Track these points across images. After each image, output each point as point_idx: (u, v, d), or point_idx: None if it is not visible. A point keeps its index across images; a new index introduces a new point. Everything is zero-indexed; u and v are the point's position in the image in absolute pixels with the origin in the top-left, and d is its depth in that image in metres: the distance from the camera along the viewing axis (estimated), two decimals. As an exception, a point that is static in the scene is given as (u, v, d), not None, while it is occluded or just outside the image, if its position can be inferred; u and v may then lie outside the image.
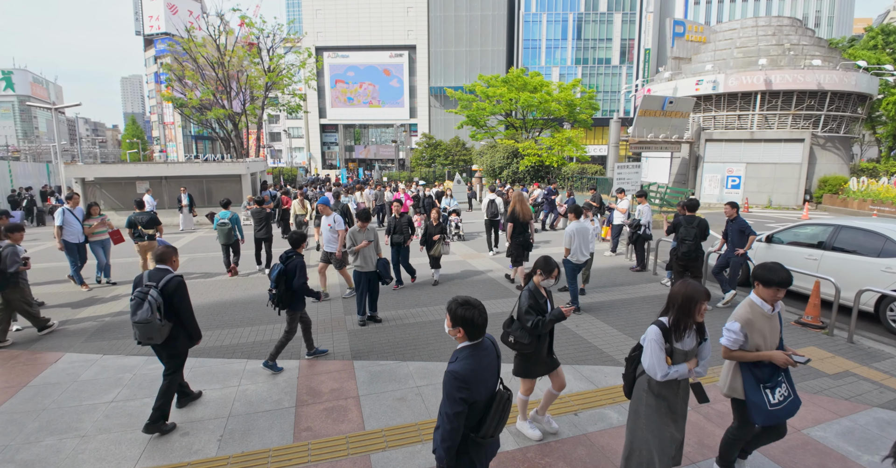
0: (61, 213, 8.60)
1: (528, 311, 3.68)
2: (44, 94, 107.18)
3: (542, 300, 3.77)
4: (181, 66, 29.54)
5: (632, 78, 55.52)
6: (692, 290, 2.82)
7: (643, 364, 2.92)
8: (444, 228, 8.29)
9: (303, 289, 5.14)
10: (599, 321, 6.76)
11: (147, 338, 3.96)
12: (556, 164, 25.24)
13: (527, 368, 3.87)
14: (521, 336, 3.70)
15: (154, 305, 3.89)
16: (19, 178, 23.16)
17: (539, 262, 3.83)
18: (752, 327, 3.11)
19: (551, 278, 3.79)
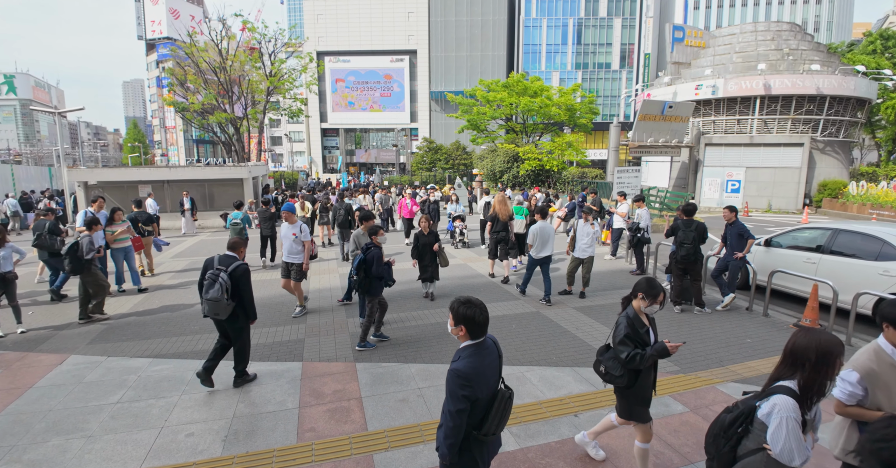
0: (84, 214, 8.39)
1: (625, 341, 3.18)
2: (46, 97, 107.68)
3: (642, 329, 3.23)
4: (183, 70, 29.69)
5: (632, 82, 55.74)
6: (828, 344, 2.19)
7: (772, 447, 2.16)
8: (438, 236, 7.76)
9: (381, 276, 5.89)
10: (599, 324, 6.81)
11: (214, 314, 4.69)
12: (556, 169, 25.31)
13: (630, 409, 3.36)
14: (613, 367, 3.27)
15: (224, 286, 4.59)
16: (21, 181, 23.27)
17: (641, 285, 3.27)
18: (876, 380, 2.51)
19: (656, 304, 3.20)
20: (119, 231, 8.61)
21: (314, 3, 60.84)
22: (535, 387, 4.88)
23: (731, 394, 4.76)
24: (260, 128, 31.92)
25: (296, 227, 7.34)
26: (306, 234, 7.37)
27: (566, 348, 5.92)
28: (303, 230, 7.35)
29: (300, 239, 7.31)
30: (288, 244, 7.35)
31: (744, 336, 6.37)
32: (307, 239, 7.36)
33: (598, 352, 3.46)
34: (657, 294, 3.18)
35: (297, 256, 7.34)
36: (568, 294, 8.29)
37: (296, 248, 7.33)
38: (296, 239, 7.31)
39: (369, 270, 5.82)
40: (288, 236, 7.34)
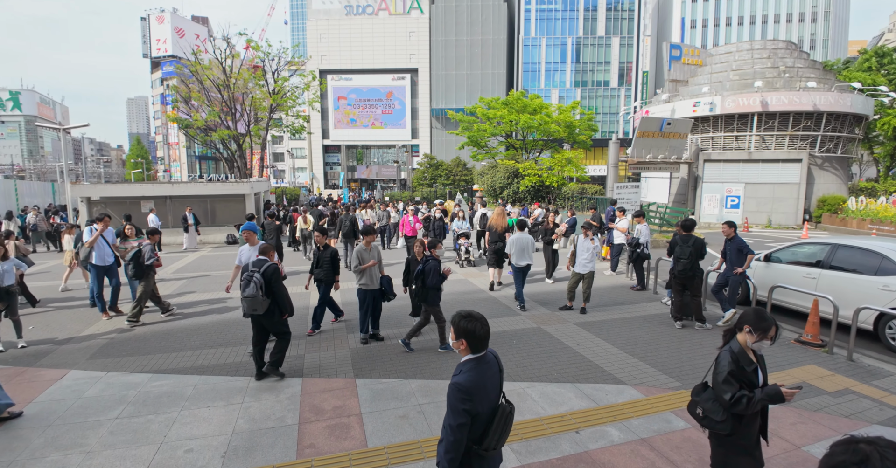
0: (90, 232, 8.24)
1: (728, 380, 2.74)
2: (50, 114, 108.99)
3: (749, 367, 2.79)
4: (187, 87, 30.14)
5: (630, 100, 56.48)
6: None
7: None
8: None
9: (437, 287, 6.29)
10: (601, 339, 6.79)
11: (252, 310, 5.26)
12: (556, 184, 25.49)
13: (726, 460, 2.89)
14: (713, 410, 2.83)
15: (258, 284, 5.19)
16: (25, 196, 23.44)
17: (748, 316, 2.84)
18: None
19: (766, 339, 2.77)
20: (131, 247, 8.30)
21: (317, 23, 62.08)
22: (536, 403, 4.85)
23: (734, 410, 4.73)
24: (262, 144, 32.25)
25: (258, 248, 5.92)
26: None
27: (567, 364, 5.91)
28: None
29: None
30: None
31: (745, 351, 6.33)
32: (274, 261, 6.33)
33: (694, 392, 2.99)
34: (768, 327, 2.75)
35: None
36: (569, 309, 8.28)
37: None
38: None
39: (426, 280, 6.20)
40: (252, 259, 5.72)
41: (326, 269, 7.09)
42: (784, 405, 4.79)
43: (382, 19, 61.21)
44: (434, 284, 6.23)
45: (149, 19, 73.22)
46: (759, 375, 2.82)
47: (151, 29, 73.18)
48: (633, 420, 4.53)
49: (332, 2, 62.02)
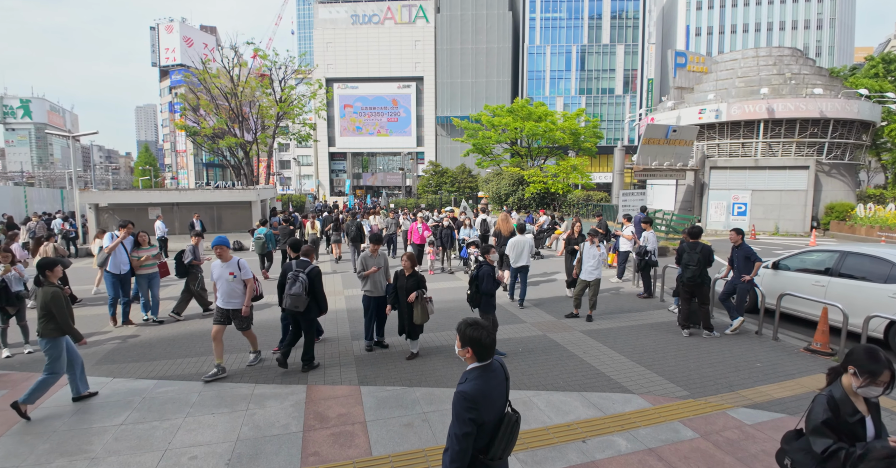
0: (111, 237, 8.20)
1: (820, 431, 2.31)
2: (60, 122, 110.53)
3: (852, 417, 2.32)
4: (196, 96, 30.51)
5: (635, 107, 56.54)
6: None
7: None
8: (421, 281, 6.25)
9: (491, 293, 6.24)
10: (607, 348, 6.73)
11: (294, 306, 5.76)
12: (561, 191, 25.48)
13: None
14: (804, 463, 2.40)
15: (304, 284, 5.74)
16: (34, 203, 23.69)
17: (856, 355, 2.41)
18: None
19: (877, 385, 2.31)
20: (145, 256, 8.22)
21: (324, 32, 62.76)
22: (542, 412, 4.81)
23: (743, 419, 4.66)
24: (269, 152, 32.49)
25: (232, 264, 5.86)
26: (247, 272, 5.94)
27: (573, 372, 5.85)
28: (242, 267, 5.91)
29: (240, 278, 5.86)
30: (225, 287, 5.81)
31: (754, 360, 6.27)
32: (248, 276, 5.92)
33: (785, 440, 2.61)
34: (878, 371, 2.27)
35: (238, 300, 5.88)
36: (575, 317, 8.22)
37: (235, 291, 5.87)
38: (234, 279, 5.83)
39: (480, 286, 6.17)
40: (224, 277, 5.80)
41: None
42: (793, 414, 4.72)
43: (388, 28, 61.81)
44: (488, 290, 6.17)
45: (158, 29, 74.36)
46: (869, 427, 2.35)
47: (160, 38, 74.31)
48: (641, 429, 4.47)
49: (339, 11, 62.75)
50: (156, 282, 8.38)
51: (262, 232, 12.39)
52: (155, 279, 8.38)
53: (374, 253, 6.74)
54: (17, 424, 4.65)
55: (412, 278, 6.27)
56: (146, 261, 8.19)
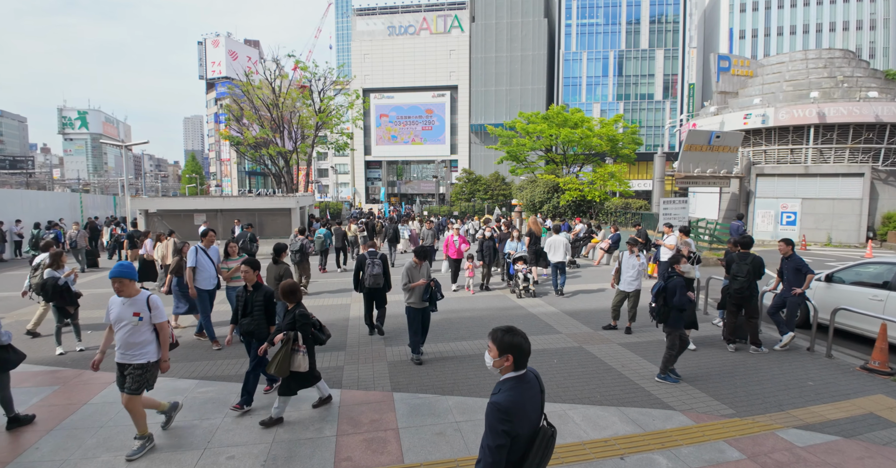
0: (193, 251, 7.24)
1: None
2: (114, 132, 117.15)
3: None
4: (239, 107, 31.74)
5: (676, 113, 55.02)
6: None
7: None
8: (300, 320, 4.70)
9: (682, 308, 5.60)
10: (647, 361, 6.49)
11: (376, 284, 7.42)
12: (598, 199, 24.93)
13: None
14: None
15: (380, 266, 7.44)
16: (89, 208, 25.10)
17: None
18: None
19: None
20: (235, 268, 7.44)
21: (361, 44, 64.30)
22: (578, 427, 4.66)
23: (793, 441, 4.38)
24: (308, 160, 33.38)
25: (139, 301, 4.16)
26: (159, 312, 4.25)
27: (611, 386, 5.67)
28: (153, 306, 4.20)
29: (148, 320, 4.19)
30: (124, 333, 4.13)
31: (805, 378, 5.90)
32: (164, 318, 4.30)
33: None
34: None
35: (140, 351, 4.16)
36: (613, 329, 7.98)
37: (138, 338, 4.15)
38: (140, 322, 4.13)
39: (669, 300, 5.68)
40: (125, 318, 4.12)
41: (258, 319, 5.12)
42: (849, 437, 4.40)
43: (424, 39, 62.72)
44: (680, 304, 5.62)
45: (205, 43, 78.05)
46: None
47: (207, 52, 77.96)
48: (683, 448, 4.27)
49: (376, 23, 64.20)
50: None
51: (322, 232, 14.21)
52: None
53: (418, 265, 6.52)
54: (67, 419, 4.88)
55: (289, 315, 4.73)
56: (236, 273, 7.45)
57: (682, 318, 5.70)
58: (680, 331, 5.73)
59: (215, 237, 7.85)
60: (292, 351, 4.56)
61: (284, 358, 4.53)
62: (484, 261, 11.33)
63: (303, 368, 4.61)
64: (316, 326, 4.83)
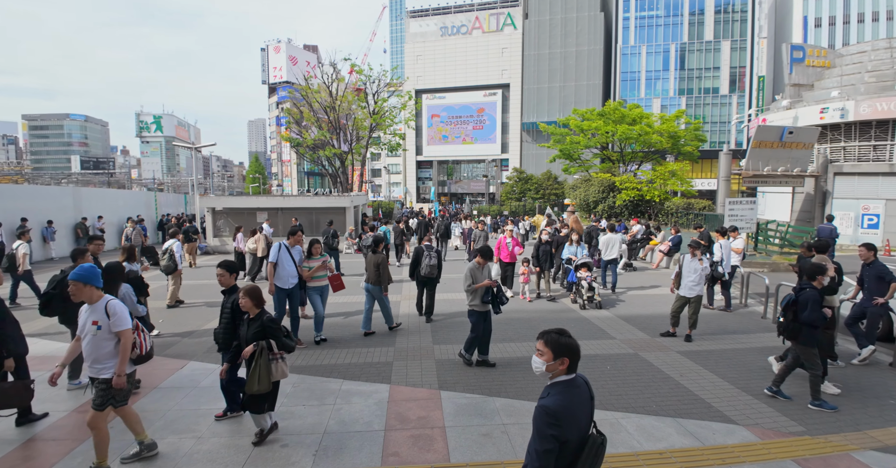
0: (277, 248, 7.05)
1: None
2: (185, 135, 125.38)
3: None
4: (299, 110, 33.09)
5: (743, 107, 51.70)
6: None
7: None
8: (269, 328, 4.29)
9: (813, 324, 4.99)
10: (708, 371, 6.14)
11: (431, 274, 8.30)
12: (657, 199, 23.83)
13: None
14: None
15: (438, 258, 8.40)
16: (163, 206, 27.02)
17: None
18: None
19: None
20: (317, 267, 7.29)
21: (414, 46, 65.16)
22: (631, 437, 4.48)
23: (871, 464, 3.99)
24: (362, 161, 34.26)
25: (98, 308, 3.81)
26: (121, 319, 3.82)
27: (668, 396, 5.40)
28: (113, 313, 3.80)
29: (107, 329, 3.79)
30: (86, 344, 3.82)
31: (886, 396, 5.37)
32: (123, 326, 3.82)
33: None
34: None
35: (104, 365, 3.81)
36: (671, 336, 7.61)
37: (102, 350, 3.80)
38: (99, 331, 3.78)
39: (801, 314, 5.07)
40: (86, 327, 3.81)
41: (225, 325, 4.73)
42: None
43: (476, 38, 62.64)
44: (812, 320, 4.98)
45: (267, 49, 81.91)
46: None
47: (269, 58, 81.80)
48: (746, 466, 4.00)
49: (429, 24, 64.83)
50: (325, 296, 7.56)
51: (383, 229, 15.09)
52: (325, 292, 7.54)
53: (481, 265, 6.31)
54: (139, 401, 5.26)
55: (255, 322, 4.33)
56: (318, 272, 7.32)
57: (815, 336, 5.08)
58: (815, 351, 5.10)
59: (302, 237, 7.47)
60: (270, 360, 4.20)
61: (264, 370, 4.14)
62: (540, 267, 10.39)
63: (286, 375, 4.32)
64: (284, 332, 4.43)
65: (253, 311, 4.38)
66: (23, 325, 4.92)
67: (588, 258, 10.08)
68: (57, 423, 4.75)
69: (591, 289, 9.43)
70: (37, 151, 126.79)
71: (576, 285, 9.63)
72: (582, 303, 9.43)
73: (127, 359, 3.88)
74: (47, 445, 4.34)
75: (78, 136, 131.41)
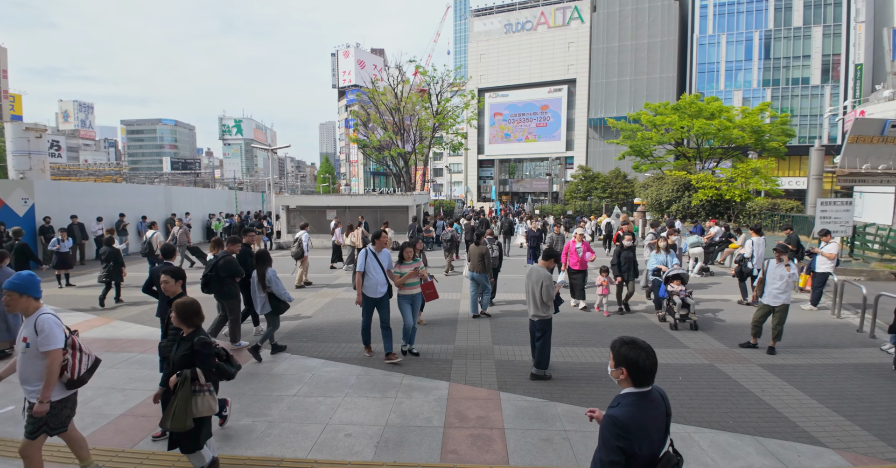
0: (364, 254, 6.34)
1: None
2: (263, 137, 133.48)
3: None
4: (366, 112, 34.24)
5: (838, 99, 46.87)
6: None
7: None
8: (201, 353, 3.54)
9: None
10: (793, 388, 5.63)
11: (493, 266, 9.05)
12: (738, 199, 22.17)
13: None
14: None
15: (497, 251, 9.36)
16: (242, 204, 29.00)
17: None
18: None
19: None
20: (409, 273, 6.56)
21: (478, 44, 65.08)
22: (704, 453, 4.20)
23: None
24: (425, 161, 34.85)
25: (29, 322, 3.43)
26: (49, 338, 3.36)
27: (747, 412, 5.01)
28: (41, 330, 3.37)
29: (35, 347, 3.37)
30: (18, 362, 3.49)
31: None
32: (51, 345, 3.36)
33: None
34: None
35: (34, 388, 3.40)
36: (752, 347, 7.04)
37: (31, 368, 3.41)
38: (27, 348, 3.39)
39: None
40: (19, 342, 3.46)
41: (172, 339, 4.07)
42: None
43: (541, 33, 61.47)
44: None
45: (337, 54, 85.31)
46: None
47: (339, 63, 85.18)
48: (840, 494, 3.62)
49: (493, 22, 64.48)
50: (417, 305, 6.80)
51: (455, 227, 16.15)
52: (417, 301, 6.77)
53: (549, 269, 5.95)
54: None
55: (185, 344, 3.58)
56: (410, 279, 6.59)
57: None
58: None
59: (388, 239, 6.85)
60: (193, 392, 3.43)
61: (181, 404, 3.35)
62: (622, 276, 9.03)
63: (213, 410, 3.57)
64: (221, 356, 3.73)
65: (184, 329, 3.62)
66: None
67: (681, 269, 8.68)
68: (147, 401, 5.23)
69: (686, 305, 8.00)
70: (133, 153, 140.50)
71: (667, 301, 8.29)
72: (673, 322, 8.06)
73: (53, 384, 3.36)
74: (137, 421, 4.79)
75: (168, 139, 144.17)
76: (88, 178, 56.56)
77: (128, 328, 8.13)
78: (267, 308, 6.45)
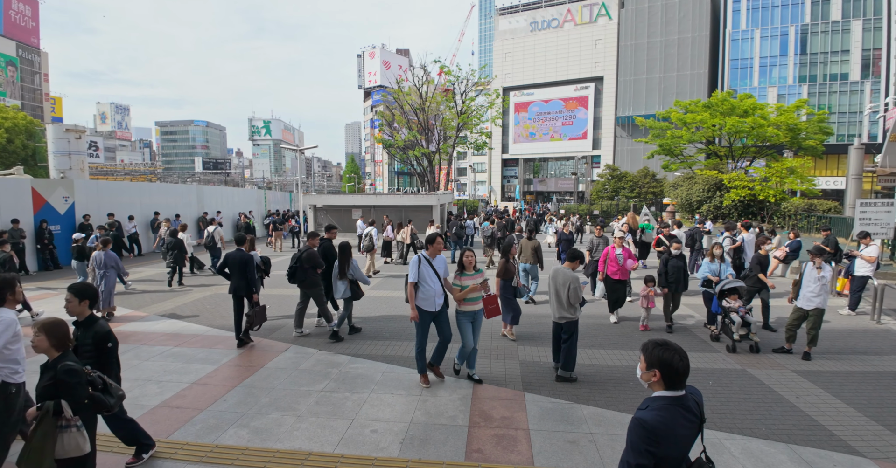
0: (416, 262, 5.42)
1: None
2: (291, 138, 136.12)
3: None
4: (391, 113, 34.48)
5: (878, 95, 44.79)
6: None
7: None
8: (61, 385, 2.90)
9: None
10: (829, 395, 5.44)
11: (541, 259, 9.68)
12: (772, 199, 21.45)
13: None
14: None
15: None
16: (271, 203, 29.63)
17: None
18: None
19: None
20: (471, 287, 5.51)
21: (503, 43, 64.73)
22: (736, 460, 4.10)
23: None
24: (449, 160, 34.88)
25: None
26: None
27: (780, 419, 4.86)
28: None
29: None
30: None
31: None
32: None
33: None
34: None
35: None
36: (786, 352, 6.82)
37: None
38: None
39: None
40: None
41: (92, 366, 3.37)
42: None
43: (567, 31, 60.74)
44: None
45: (363, 55, 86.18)
46: None
47: (365, 64, 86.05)
48: (881, 506, 3.48)
49: (518, 20, 64.03)
50: (479, 322, 5.68)
51: (486, 225, 16.38)
52: (479, 319, 5.68)
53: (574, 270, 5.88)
54: (248, 378, 5.81)
55: (48, 372, 2.96)
56: (472, 293, 5.55)
57: None
58: None
59: (443, 243, 5.75)
60: (59, 428, 2.84)
61: (38, 443, 2.77)
62: (669, 288, 7.89)
63: (83, 451, 2.90)
64: (96, 385, 3.04)
65: (50, 354, 3.00)
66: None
67: (738, 281, 7.34)
68: (181, 393, 5.42)
69: (746, 324, 6.81)
70: (167, 153, 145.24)
71: (721, 317, 7.16)
72: (731, 344, 6.95)
73: None
74: (172, 412, 4.97)
75: (200, 140, 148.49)
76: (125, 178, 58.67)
77: (162, 322, 8.42)
78: (347, 293, 7.36)
